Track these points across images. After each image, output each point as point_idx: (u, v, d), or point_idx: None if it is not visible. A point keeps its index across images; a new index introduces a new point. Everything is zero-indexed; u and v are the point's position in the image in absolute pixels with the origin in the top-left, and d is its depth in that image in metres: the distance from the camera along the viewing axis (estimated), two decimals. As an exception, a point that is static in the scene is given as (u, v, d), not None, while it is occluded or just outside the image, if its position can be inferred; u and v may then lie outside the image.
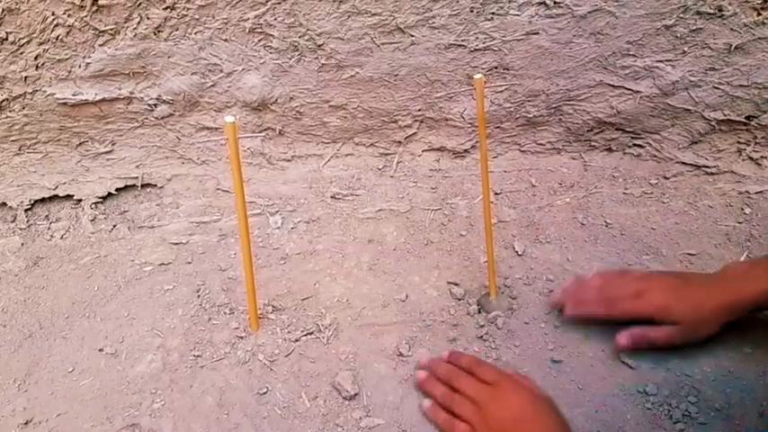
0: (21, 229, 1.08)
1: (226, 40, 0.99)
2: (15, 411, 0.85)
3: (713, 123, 1.08)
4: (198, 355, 0.92)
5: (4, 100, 0.98)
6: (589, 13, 0.97)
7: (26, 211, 1.08)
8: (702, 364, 0.87)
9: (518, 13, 0.97)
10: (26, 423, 0.84)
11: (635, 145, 1.15)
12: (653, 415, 0.81)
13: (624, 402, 0.82)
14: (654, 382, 0.84)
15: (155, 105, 1.05)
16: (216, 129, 1.10)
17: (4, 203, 1.07)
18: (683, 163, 1.13)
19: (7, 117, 1.01)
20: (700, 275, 0.89)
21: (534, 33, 1.00)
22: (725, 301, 0.81)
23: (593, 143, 1.16)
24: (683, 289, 0.84)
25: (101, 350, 0.93)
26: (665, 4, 0.96)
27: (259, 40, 1.00)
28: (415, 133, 1.16)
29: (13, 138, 1.04)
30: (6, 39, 0.93)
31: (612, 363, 0.87)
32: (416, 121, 1.13)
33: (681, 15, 0.97)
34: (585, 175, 1.16)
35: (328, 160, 1.18)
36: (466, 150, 1.17)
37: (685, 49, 1.01)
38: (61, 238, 1.08)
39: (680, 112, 1.08)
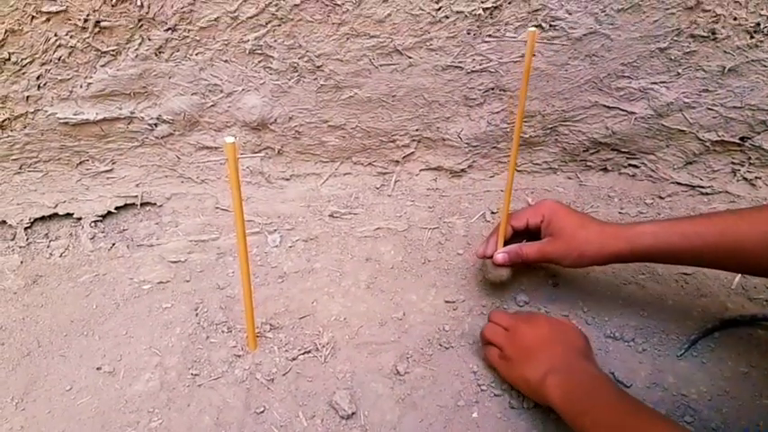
0: (20, 247, 1.09)
1: (226, 61, 1.00)
2: (13, 430, 0.85)
3: (707, 144, 1.09)
4: (196, 374, 0.92)
5: (5, 119, 0.99)
6: (584, 35, 0.99)
7: (26, 229, 1.09)
8: (699, 384, 0.87)
9: (514, 35, 0.99)
10: (23, 442, 0.84)
11: (630, 165, 1.16)
12: (649, 435, 0.81)
13: (620, 422, 0.83)
14: (650, 401, 0.84)
15: (155, 125, 1.06)
16: (215, 148, 1.11)
17: (4, 221, 1.08)
18: (678, 183, 1.14)
19: (9, 136, 1.01)
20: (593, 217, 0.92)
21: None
22: (607, 229, 0.85)
23: (588, 163, 1.17)
24: (575, 212, 0.90)
25: (99, 369, 0.93)
26: (660, 26, 0.98)
27: (259, 62, 1.01)
28: (412, 153, 1.17)
29: (14, 156, 1.05)
30: (9, 59, 0.94)
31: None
32: (414, 140, 1.14)
33: (675, 38, 0.99)
34: (581, 195, 1.17)
35: (326, 179, 1.19)
36: (463, 170, 1.18)
37: (679, 71, 1.02)
38: (60, 256, 1.09)
39: (674, 133, 1.09)
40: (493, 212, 1.15)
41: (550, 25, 0.97)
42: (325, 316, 1.00)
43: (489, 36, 0.99)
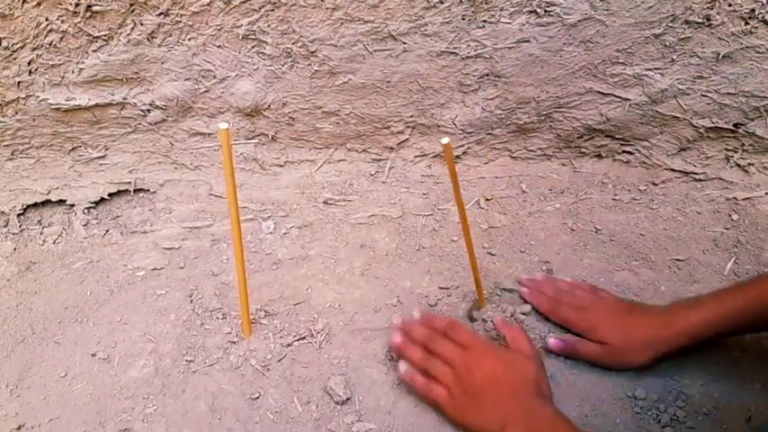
0: (13, 233, 1.08)
1: (219, 46, 1.00)
2: (8, 416, 0.85)
3: (701, 131, 1.09)
4: (190, 360, 0.92)
5: (-4, 105, 0.98)
6: (579, 21, 0.98)
7: (18, 216, 1.08)
8: (691, 369, 0.88)
9: (509, 21, 0.98)
10: (18, 428, 0.84)
11: (624, 152, 1.16)
12: (641, 419, 0.82)
13: (613, 407, 0.83)
14: (642, 386, 0.85)
15: (148, 111, 1.05)
16: (209, 134, 1.11)
17: (-4, 208, 1.08)
18: (672, 170, 1.14)
19: (0, 122, 1.01)
20: (650, 307, 0.90)
21: (525, 41, 1.01)
22: (653, 332, 0.83)
23: (582, 150, 1.17)
24: (620, 315, 0.88)
25: (93, 355, 0.93)
26: (654, 13, 0.97)
27: (252, 47, 1.00)
28: (407, 139, 1.16)
29: (5, 143, 1.04)
30: (0, 44, 0.93)
31: (602, 369, 0.88)
32: (408, 127, 1.14)
33: (669, 24, 0.99)
34: (575, 182, 1.18)
35: (321, 166, 1.19)
36: (457, 156, 1.18)
37: (674, 57, 1.02)
38: (54, 243, 1.08)
39: (668, 120, 1.09)
40: (487, 199, 1.16)
41: (545, 11, 0.97)
42: (320, 302, 1.01)
43: (484, 22, 0.99)
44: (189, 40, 0.98)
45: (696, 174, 1.13)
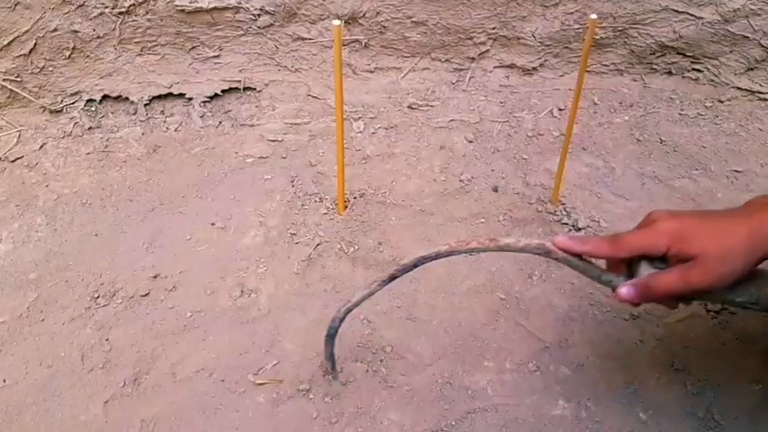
0: (141, 121, 1.24)
1: (325, -44, 1.10)
2: (145, 267, 1.03)
3: (770, 51, 1.16)
4: (293, 234, 1.07)
5: (131, 5, 1.12)
6: (660, -60, 1.05)
7: (145, 105, 1.24)
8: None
9: (593, -62, 1.06)
10: (155, 277, 1.01)
11: (693, 69, 1.23)
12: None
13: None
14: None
15: (258, 15, 1.18)
16: (309, 39, 1.23)
17: (127, 98, 1.23)
18: (738, 88, 1.21)
19: (133, 20, 1.15)
20: (722, 210, 0.70)
21: (607, -42, 1.08)
22: (753, 231, 0.63)
23: (654, 66, 1.25)
24: (702, 215, 0.68)
25: (213, 224, 1.09)
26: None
27: (354, -42, 1.11)
28: (488, 50, 1.26)
29: (136, 40, 1.19)
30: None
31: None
32: (490, 38, 1.24)
33: (748, -56, 1.04)
34: (645, 96, 1.26)
35: (406, 73, 1.30)
36: (534, 68, 1.27)
37: (749, -23, 1.08)
38: (175, 130, 1.24)
39: (738, 39, 1.16)
40: (560, 109, 1.25)
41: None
42: (403, 194, 1.14)
43: (570, -62, 1.06)
44: (299, -50, 1.09)
45: (762, 93, 1.20)
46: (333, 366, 0.83)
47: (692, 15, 1.14)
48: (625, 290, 0.67)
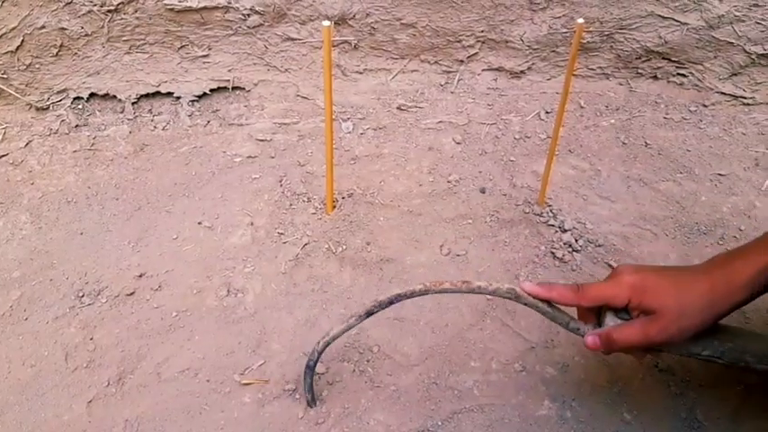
0: (128, 119, 1.24)
1: (315, -43, 1.11)
2: (131, 266, 1.02)
3: (753, 57, 1.17)
4: (281, 233, 1.07)
5: (120, 3, 1.12)
6: (647, -54, 1.06)
7: (133, 104, 1.24)
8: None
9: (581, -57, 1.07)
10: (140, 276, 1.01)
11: (679, 74, 1.25)
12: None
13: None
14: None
15: (248, 15, 1.18)
16: (299, 40, 1.23)
17: (115, 96, 1.23)
18: (722, 93, 1.23)
19: (122, 18, 1.15)
20: (685, 267, 0.72)
21: (595, -37, 1.09)
22: (711, 288, 0.66)
23: (639, 71, 1.26)
24: (665, 271, 0.70)
25: (200, 223, 1.09)
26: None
27: (344, -41, 1.11)
28: (476, 53, 1.27)
29: (125, 38, 1.18)
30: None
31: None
32: (479, 41, 1.25)
33: (733, -48, 1.06)
34: (630, 100, 1.27)
35: (396, 75, 1.30)
36: (522, 71, 1.28)
37: (734, -16, 1.10)
38: (163, 129, 1.24)
39: (723, 45, 1.17)
40: (547, 112, 1.26)
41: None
42: (391, 194, 1.14)
43: (558, -57, 1.07)
44: (289, -50, 1.10)
45: (745, 98, 1.22)
46: (312, 398, 0.84)
47: (677, 21, 1.16)
48: (590, 339, 0.71)
